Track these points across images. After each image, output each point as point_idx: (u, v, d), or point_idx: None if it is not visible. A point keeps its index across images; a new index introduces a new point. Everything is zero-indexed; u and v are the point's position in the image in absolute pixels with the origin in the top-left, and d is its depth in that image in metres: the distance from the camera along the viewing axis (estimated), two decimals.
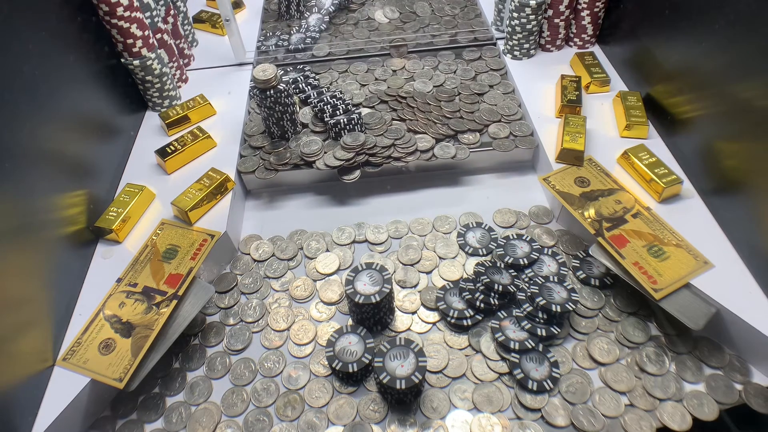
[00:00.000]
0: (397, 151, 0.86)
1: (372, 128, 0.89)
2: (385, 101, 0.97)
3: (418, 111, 0.93)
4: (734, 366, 0.65)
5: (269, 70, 0.82)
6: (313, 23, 1.16)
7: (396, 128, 0.90)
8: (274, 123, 0.88)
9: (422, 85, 1.00)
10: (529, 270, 0.74)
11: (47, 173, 0.70)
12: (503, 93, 0.98)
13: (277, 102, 0.84)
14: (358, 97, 0.99)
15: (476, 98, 0.96)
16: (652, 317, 0.71)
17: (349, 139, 0.86)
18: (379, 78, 1.04)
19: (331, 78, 1.05)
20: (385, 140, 0.87)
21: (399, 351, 0.63)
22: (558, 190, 0.78)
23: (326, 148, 0.87)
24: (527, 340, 0.67)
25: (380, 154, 0.86)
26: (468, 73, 1.02)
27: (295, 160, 0.87)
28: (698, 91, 0.76)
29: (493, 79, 1.01)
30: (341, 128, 0.87)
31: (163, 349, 0.65)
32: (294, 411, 0.65)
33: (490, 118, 0.92)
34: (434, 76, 1.02)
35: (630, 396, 0.64)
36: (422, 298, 0.74)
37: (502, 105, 0.95)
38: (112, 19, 0.84)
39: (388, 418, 0.63)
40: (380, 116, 0.91)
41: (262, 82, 0.82)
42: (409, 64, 1.06)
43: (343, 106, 0.90)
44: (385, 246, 0.82)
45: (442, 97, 0.96)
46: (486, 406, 0.64)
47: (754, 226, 0.66)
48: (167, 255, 0.73)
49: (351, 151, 0.85)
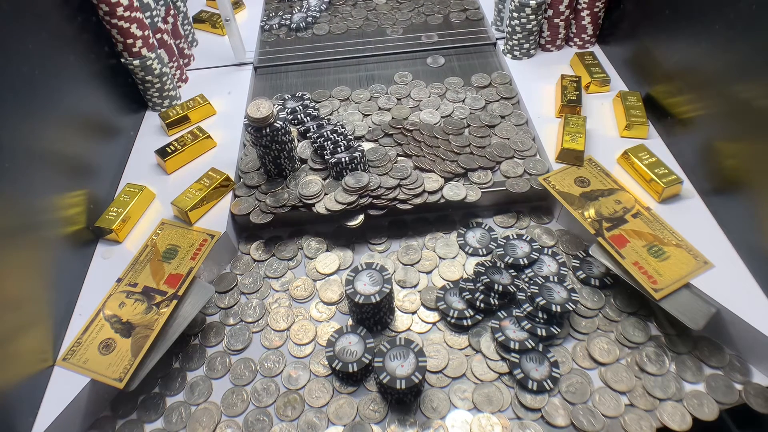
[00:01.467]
0: (403, 193, 0.79)
1: (375, 166, 0.83)
2: (389, 134, 0.90)
3: (425, 146, 0.86)
4: (734, 366, 0.65)
5: (264, 106, 0.76)
6: (313, 3, 1.23)
7: (402, 166, 0.82)
8: (270, 161, 0.81)
9: (429, 116, 0.93)
10: (529, 270, 0.74)
11: (47, 173, 0.70)
12: (515, 125, 0.91)
13: (274, 140, 0.78)
14: (361, 129, 0.92)
15: (487, 131, 0.89)
16: (652, 317, 0.71)
17: (352, 180, 0.79)
18: (383, 108, 0.97)
19: (331, 107, 0.98)
20: (390, 180, 0.80)
21: (399, 351, 0.63)
22: (558, 190, 0.78)
23: (327, 188, 0.81)
24: (527, 340, 0.67)
25: (385, 196, 0.79)
26: (478, 102, 0.96)
27: (294, 202, 0.80)
28: (698, 91, 0.76)
29: (504, 109, 0.94)
30: (343, 167, 0.80)
31: (163, 349, 0.65)
32: (294, 411, 0.65)
33: (502, 154, 0.85)
34: (441, 105, 0.96)
35: (630, 396, 0.64)
36: (422, 298, 0.74)
37: (515, 139, 0.88)
38: (112, 19, 0.84)
39: (388, 418, 0.63)
40: (384, 152, 0.84)
41: (258, 120, 0.76)
42: (414, 91, 1.00)
43: (344, 142, 0.83)
44: (385, 246, 0.82)
45: (450, 129, 0.89)
46: (486, 406, 0.64)
47: (754, 226, 0.66)
48: (167, 255, 0.73)
49: (353, 194, 0.78)
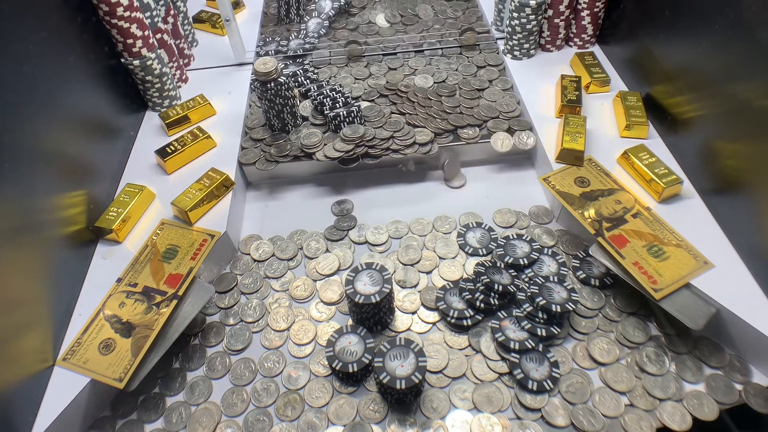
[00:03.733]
0: (396, 144, 0.87)
1: (371, 121, 0.90)
2: (384, 95, 0.98)
3: (419, 106, 0.94)
4: (734, 366, 0.65)
5: (270, 63, 0.83)
6: (312, 28, 1.15)
7: (395, 121, 0.90)
8: (274, 115, 0.89)
9: (423, 81, 1.00)
10: (529, 270, 0.74)
11: (47, 173, 0.70)
12: (502, 89, 0.98)
13: (278, 95, 0.85)
14: (358, 91, 0.99)
15: (476, 94, 0.97)
16: (652, 317, 0.71)
17: (349, 131, 0.87)
18: (374, 74, 1.04)
19: (330, 72, 1.05)
20: (384, 132, 0.88)
21: (399, 351, 0.63)
22: (558, 190, 0.78)
23: (326, 140, 0.89)
24: (527, 340, 0.67)
25: (379, 146, 0.87)
26: (469, 68, 1.03)
27: (296, 152, 0.88)
28: (698, 91, 0.76)
29: (491, 74, 1.01)
30: (341, 121, 0.88)
31: (163, 349, 0.65)
32: (294, 411, 0.65)
33: (488, 114, 0.92)
34: (436, 72, 1.02)
35: (630, 396, 0.64)
36: (422, 298, 0.74)
37: (501, 102, 0.95)
38: (112, 19, 0.84)
39: (388, 418, 0.63)
40: (379, 109, 0.92)
41: (263, 74, 0.83)
42: (412, 61, 1.06)
43: (342, 99, 0.91)
44: (385, 246, 0.82)
45: (443, 92, 0.96)
46: (486, 406, 0.64)
47: (754, 226, 0.66)
48: (167, 255, 0.73)
49: (350, 143, 0.86)
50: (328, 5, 1.19)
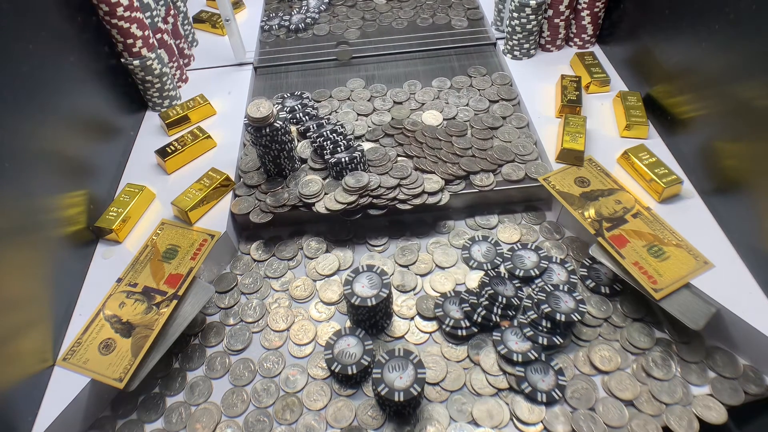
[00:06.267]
0: (403, 193, 0.79)
1: (375, 165, 0.82)
2: (390, 135, 0.89)
3: (427, 147, 0.86)
4: (749, 377, 0.64)
5: (264, 106, 0.76)
6: (313, 4, 1.23)
7: (402, 166, 0.82)
8: (270, 161, 0.81)
9: (432, 118, 0.92)
10: (539, 280, 0.73)
11: (47, 173, 0.70)
12: (517, 128, 0.90)
13: (274, 140, 0.78)
14: (360, 129, 0.91)
15: (489, 133, 0.89)
16: (661, 324, 0.69)
17: (352, 180, 0.79)
18: (378, 109, 0.97)
19: (330, 107, 0.98)
20: (390, 180, 0.80)
21: (398, 362, 0.62)
22: (558, 190, 0.78)
23: (326, 188, 0.81)
24: (530, 351, 0.65)
25: (385, 195, 0.79)
26: (481, 103, 0.95)
27: (294, 202, 0.80)
28: (698, 91, 0.76)
29: (505, 110, 0.94)
30: (342, 167, 0.80)
31: (163, 349, 0.65)
32: (293, 414, 0.65)
33: (503, 158, 0.84)
34: (445, 108, 0.95)
35: (636, 401, 0.63)
36: (419, 308, 0.73)
37: (517, 143, 0.87)
38: (112, 19, 0.84)
39: (385, 426, 0.63)
40: (384, 152, 0.84)
41: (257, 120, 0.75)
42: (419, 94, 0.99)
43: (344, 142, 0.83)
44: (384, 247, 0.82)
45: (453, 131, 0.88)
46: (486, 420, 0.63)
47: (754, 226, 0.66)
48: (167, 255, 0.73)
49: (353, 194, 0.79)
50: None
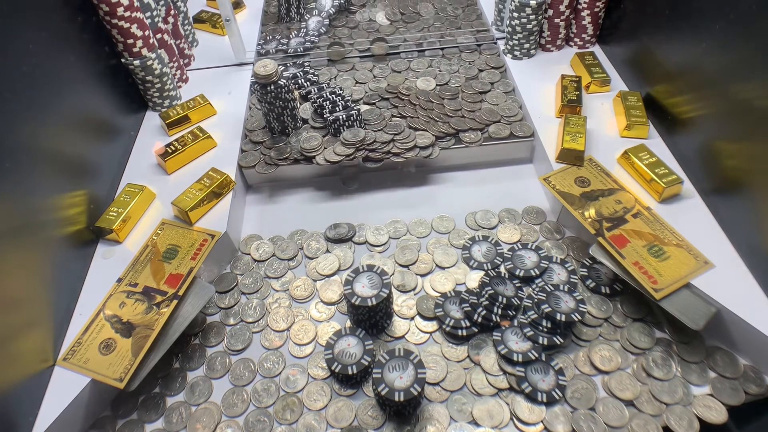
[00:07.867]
0: (396, 147, 0.87)
1: (371, 124, 0.90)
2: (385, 98, 0.97)
3: (420, 109, 0.93)
4: (749, 377, 0.64)
5: (270, 65, 0.83)
6: (312, 27, 1.15)
7: (396, 123, 0.90)
8: (274, 118, 0.89)
9: (425, 84, 0.99)
10: (539, 280, 0.73)
11: (48, 173, 0.70)
12: (504, 92, 0.98)
13: (278, 97, 0.85)
14: (358, 94, 0.99)
15: (478, 97, 0.96)
16: (662, 324, 0.69)
17: (349, 134, 0.87)
18: (378, 76, 1.04)
19: (330, 75, 1.05)
20: (384, 135, 0.88)
21: (398, 362, 0.62)
22: (558, 190, 0.78)
23: (326, 143, 0.88)
24: (530, 351, 0.65)
25: (380, 149, 0.86)
26: (470, 70, 1.02)
27: (295, 156, 0.88)
28: (698, 91, 0.76)
29: (493, 76, 1.01)
30: (340, 124, 0.88)
31: (164, 349, 0.65)
32: (293, 414, 0.65)
33: (490, 118, 0.92)
34: (438, 74, 1.02)
35: (636, 401, 0.63)
36: (419, 308, 0.73)
37: (503, 106, 0.95)
38: (113, 19, 0.84)
39: (385, 426, 0.63)
40: (380, 113, 0.92)
41: (263, 77, 0.82)
42: (414, 63, 1.06)
43: (342, 102, 0.91)
44: (385, 247, 0.82)
45: (445, 95, 0.96)
46: (486, 420, 0.63)
47: (754, 226, 0.66)
48: (167, 255, 0.73)
49: (350, 147, 0.86)
50: (328, 3, 1.18)
